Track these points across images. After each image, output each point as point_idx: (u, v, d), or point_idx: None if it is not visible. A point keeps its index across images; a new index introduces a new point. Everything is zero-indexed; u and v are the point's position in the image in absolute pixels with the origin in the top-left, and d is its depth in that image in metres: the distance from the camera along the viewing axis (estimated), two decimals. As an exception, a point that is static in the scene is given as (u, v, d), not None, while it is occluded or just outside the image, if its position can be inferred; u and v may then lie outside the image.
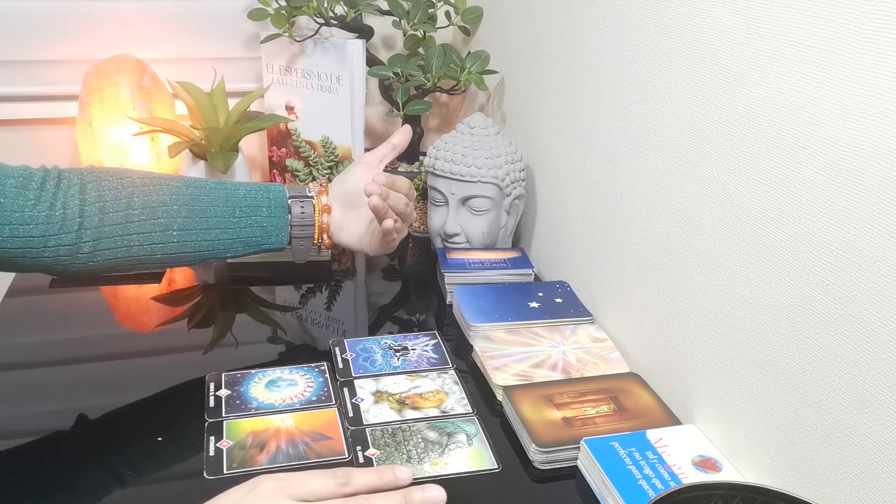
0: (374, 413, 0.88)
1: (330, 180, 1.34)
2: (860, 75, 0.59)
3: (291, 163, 1.33)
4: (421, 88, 1.35)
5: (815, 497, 0.67)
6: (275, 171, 1.52)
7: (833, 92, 0.62)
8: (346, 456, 0.80)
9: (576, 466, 0.80)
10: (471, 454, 0.82)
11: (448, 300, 1.14)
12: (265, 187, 0.94)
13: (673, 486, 0.73)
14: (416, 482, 0.77)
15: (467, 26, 1.45)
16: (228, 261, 1.23)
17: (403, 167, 1.48)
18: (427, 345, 1.02)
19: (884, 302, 0.59)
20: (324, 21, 1.33)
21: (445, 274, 1.14)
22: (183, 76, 1.36)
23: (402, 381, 0.94)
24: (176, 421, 0.86)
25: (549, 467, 0.80)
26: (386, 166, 1.48)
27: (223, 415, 0.86)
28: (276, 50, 1.41)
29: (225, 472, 0.77)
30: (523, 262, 1.18)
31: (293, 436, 0.83)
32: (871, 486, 0.61)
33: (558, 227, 1.19)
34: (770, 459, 0.73)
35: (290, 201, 0.94)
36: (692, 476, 0.75)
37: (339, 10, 1.35)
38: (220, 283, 1.20)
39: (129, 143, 1.35)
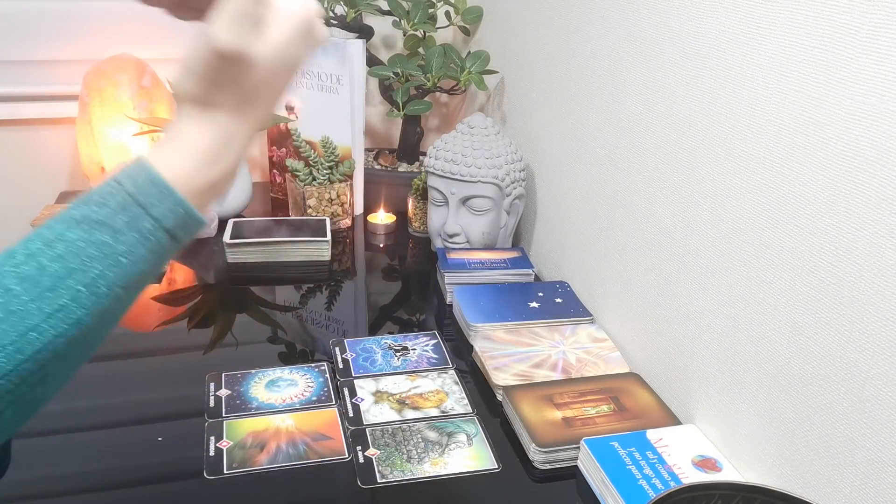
0: (375, 413, 0.87)
1: (330, 181, 1.35)
2: (860, 75, 0.59)
3: (291, 163, 1.33)
4: (421, 88, 1.35)
5: (815, 497, 0.67)
6: (275, 170, 1.52)
7: (833, 92, 0.62)
8: (346, 456, 0.80)
9: (576, 466, 0.80)
10: (471, 454, 0.82)
11: (448, 300, 1.14)
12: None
13: (673, 486, 0.73)
14: (416, 482, 0.77)
15: (467, 26, 1.45)
16: (229, 260, 1.23)
17: (403, 167, 1.48)
18: (427, 345, 1.02)
19: (884, 302, 0.59)
20: (324, 21, 1.33)
21: (445, 274, 1.14)
22: (183, 76, 1.36)
23: (402, 381, 0.94)
24: (176, 421, 0.86)
25: (549, 467, 0.80)
26: (385, 166, 1.49)
27: (223, 415, 0.86)
28: (276, 50, 1.41)
29: (225, 472, 0.77)
30: (523, 262, 1.18)
31: (293, 436, 0.83)
32: (871, 486, 0.61)
33: (558, 227, 1.19)
34: (770, 459, 0.73)
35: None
36: (692, 476, 0.75)
37: (339, 10, 1.35)
38: (220, 283, 1.20)
39: (129, 143, 1.35)
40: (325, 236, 1.25)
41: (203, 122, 0.49)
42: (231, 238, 1.23)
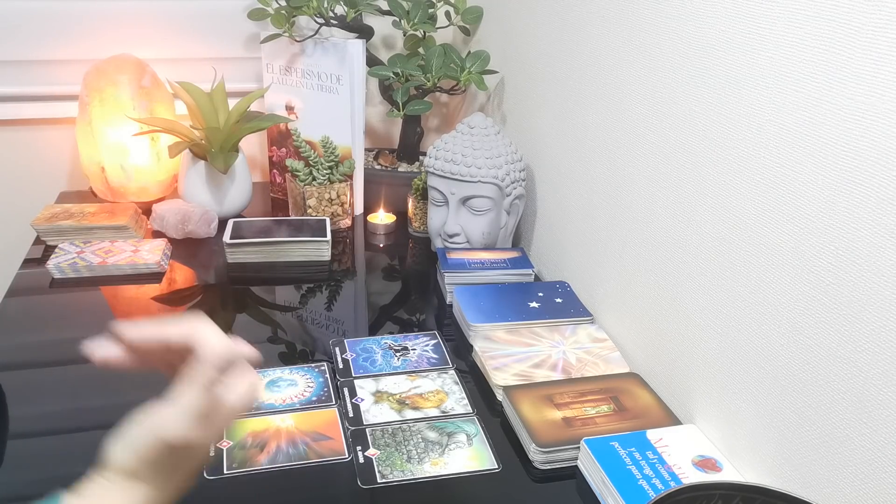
0: (375, 413, 0.87)
1: (330, 181, 1.35)
2: (860, 75, 0.59)
3: (291, 163, 1.33)
4: (421, 88, 1.35)
5: (815, 497, 0.67)
6: (275, 170, 1.52)
7: (833, 92, 0.62)
8: (346, 456, 0.80)
9: (576, 466, 0.80)
10: (471, 454, 0.82)
11: (448, 300, 1.14)
12: None
13: (673, 486, 0.73)
14: (416, 482, 0.77)
15: (467, 26, 1.45)
16: (229, 260, 1.23)
17: (403, 167, 1.48)
18: (427, 345, 1.02)
19: (884, 302, 0.59)
20: (324, 21, 1.33)
21: (445, 274, 1.14)
22: (183, 76, 1.36)
23: (402, 381, 0.94)
24: (176, 421, 0.86)
25: (549, 467, 0.80)
26: (385, 166, 1.48)
27: (223, 415, 0.86)
28: (276, 50, 1.41)
29: (225, 472, 0.77)
30: (523, 262, 1.18)
31: (293, 436, 0.83)
32: (871, 486, 0.61)
33: (558, 227, 1.19)
34: (770, 459, 0.73)
35: None
36: (692, 476, 0.75)
37: (339, 10, 1.35)
38: (220, 283, 1.20)
39: (129, 143, 1.35)
40: (325, 236, 1.25)
41: (125, 491, 0.53)
42: (231, 238, 1.23)
